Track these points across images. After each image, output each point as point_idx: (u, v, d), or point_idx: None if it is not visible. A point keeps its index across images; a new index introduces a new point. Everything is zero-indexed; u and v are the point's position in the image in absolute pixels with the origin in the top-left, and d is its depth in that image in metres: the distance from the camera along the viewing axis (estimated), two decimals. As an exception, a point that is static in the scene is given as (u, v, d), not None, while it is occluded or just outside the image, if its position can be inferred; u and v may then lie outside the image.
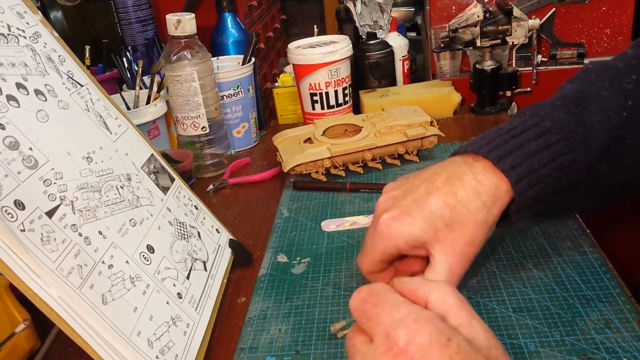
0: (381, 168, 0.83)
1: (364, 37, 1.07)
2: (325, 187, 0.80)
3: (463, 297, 0.34)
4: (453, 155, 0.48)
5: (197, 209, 0.63)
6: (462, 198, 0.43)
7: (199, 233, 0.60)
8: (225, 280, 0.61)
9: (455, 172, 0.45)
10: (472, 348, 0.31)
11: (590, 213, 0.64)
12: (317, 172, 0.81)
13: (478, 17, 0.92)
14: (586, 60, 1.06)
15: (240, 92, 0.96)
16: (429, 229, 0.43)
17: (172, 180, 0.62)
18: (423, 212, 0.44)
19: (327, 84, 0.94)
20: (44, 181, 0.43)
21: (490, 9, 0.94)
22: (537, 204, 0.45)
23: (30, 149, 0.43)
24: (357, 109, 1.04)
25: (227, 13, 1.05)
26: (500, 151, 0.44)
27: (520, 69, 1.02)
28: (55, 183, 0.44)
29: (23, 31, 0.50)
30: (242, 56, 0.99)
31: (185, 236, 0.57)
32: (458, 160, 0.46)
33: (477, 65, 0.98)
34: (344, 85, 0.96)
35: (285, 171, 0.80)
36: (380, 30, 1.06)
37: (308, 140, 0.85)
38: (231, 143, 0.96)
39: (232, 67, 0.98)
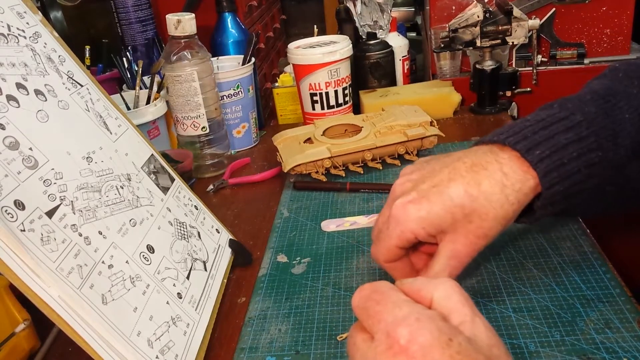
0: (381, 168, 0.83)
1: (364, 37, 1.07)
2: (325, 187, 0.80)
3: (467, 295, 0.34)
4: (477, 144, 0.46)
5: (197, 209, 0.63)
6: (486, 189, 0.42)
7: (199, 233, 0.60)
8: (225, 280, 0.61)
9: (480, 161, 0.43)
10: (473, 347, 0.31)
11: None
12: (317, 172, 0.81)
13: (478, 17, 0.92)
14: (586, 60, 1.06)
15: (240, 92, 0.96)
16: (447, 217, 0.42)
17: (172, 180, 0.62)
18: (442, 198, 0.42)
19: (327, 84, 0.94)
20: (44, 181, 0.43)
21: (490, 9, 0.94)
22: (564, 201, 0.43)
23: (30, 149, 0.43)
24: (357, 109, 1.04)
25: (227, 13, 1.05)
26: (528, 142, 0.42)
27: (520, 69, 1.02)
28: (55, 183, 0.44)
29: (23, 31, 0.50)
30: (242, 56, 0.99)
31: (185, 236, 0.57)
32: (484, 149, 0.44)
33: (477, 65, 0.98)
34: (344, 85, 0.96)
35: (285, 171, 0.80)
36: (380, 30, 1.06)
37: (308, 140, 0.85)
38: (231, 143, 0.96)
39: (232, 67, 0.98)
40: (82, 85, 0.54)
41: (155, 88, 0.92)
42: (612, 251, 0.59)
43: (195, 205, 0.63)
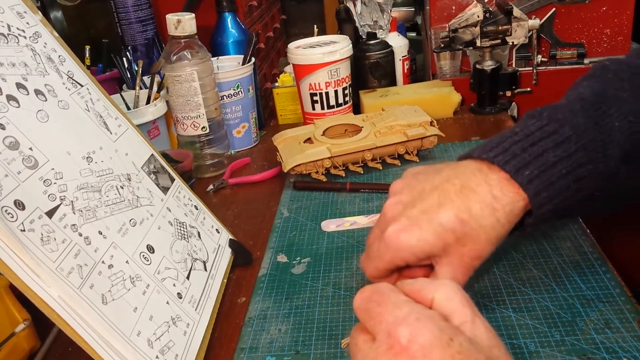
0: (381, 168, 0.83)
1: (364, 37, 1.07)
2: (325, 187, 0.80)
3: (467, 296, 0.34)
4: (465, 158, 0.46)
5: (197, 209, 0.63)
6: (477, 213, 0.41)
7: (199, 233, 0.60)
8: (225, 280, 0.61)
9: (469, 182, 0.43)
10: (474, 347, 0.31)
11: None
12: (317, 172, 0.81)
13: (478, 17, 0.92)
14: (586, 60, 1.06)
15: (240, 92, 0.96)
16: (438, 243, 0.42)
17: (172, 180, 0.62)
18: (433, 225, 0.42)
19: (327, 84, 0.94)
20: (44, 181, 0.43)
21: (490, 9, 0.94)
22: (554, 216, 0.43)
23: (30, 149, 0.43)
24: (357, 109, 1.04)
25: (227, 13, 1.05)
26: (517, 162, 0.42)
27: (520, 69, 1.02)
28: (55, 183, 0.44)
29: (23, 31, 0.50)
30: (242, 56, 0.99)
31: (185, 236, 0.57)
32: (472, 168, 0.44)
33: (477, 65, 0.98)
34: (344, 85, 0.96)
35: (285, 171, 0.80)
36: (380, 30, 1.06)
37: (308, 140, 0.85)
38: (231, 143, 0.96)
39: (232, 67, 0.98)
40: (82, 85, 0.54)
41: (155, 88, 0.92)
42: (612, 251, 0.59)
43: (195, 205, 0.63)
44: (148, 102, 0.92)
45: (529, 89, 1.02)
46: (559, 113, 0.44)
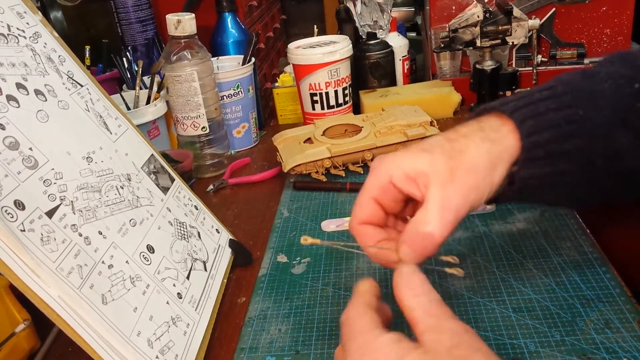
0: (381, 168, 0.82)
1: (364, 37, 1.07)
2: (325, 187, 0.80)
3: (437, 302, 0.35)
4: None
5: (197, 209, 0.63)
6: (465, 132, 0.42)
7: (199, 233, 0.60)
8: (225, 280, 0.61)
9: (462, 125, 0.44)
10: (429, 356, 0.32)
11: (595, 210, 0.63)
12: (317, 172, 0.81)
13: (478, 17, 0.92)
14: (586, 60, 1.06)
15: (240, 92, 0.96)
16: (425, 157, 0.40)
17: (172, 180, 0.62)
18: (421, 145, 0.42)
19: (327, 84, 0.94)
20: (44, 181, 0.43)
21: (490, 9, 0.94)
22: (547, 159, 0.41)
23: (30, 149, 0.43)
24: (357, 109, 1.04)
25: (227, 13, 1.05)
26: (503, 101, 0.44)
27: (520, 69, 1.02)
28: (55, 183, 0.44)
29: (23, 31, 0.50)
30: (242, 56, 0.99)
31: (185, 236, 0.57)
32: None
33: (477, 65, 0.98)
34: (344, 85, 0.96)
35: (285, 171, 0.80)
36: (380, 30, 1.06)
37: (308, 140, 0.85)
38: (231, 143, 0.96)
39: (232, 67, 0.98)
40: (82, 85, 0.54)
41: (155, 88, 0.92)
42: (612, 251, 0.59)
43: (195, 205, 0.63)
44: (148, 102, 0.92)
45: (529, 89, 1.02)
46: (547, 81, 0.46)
